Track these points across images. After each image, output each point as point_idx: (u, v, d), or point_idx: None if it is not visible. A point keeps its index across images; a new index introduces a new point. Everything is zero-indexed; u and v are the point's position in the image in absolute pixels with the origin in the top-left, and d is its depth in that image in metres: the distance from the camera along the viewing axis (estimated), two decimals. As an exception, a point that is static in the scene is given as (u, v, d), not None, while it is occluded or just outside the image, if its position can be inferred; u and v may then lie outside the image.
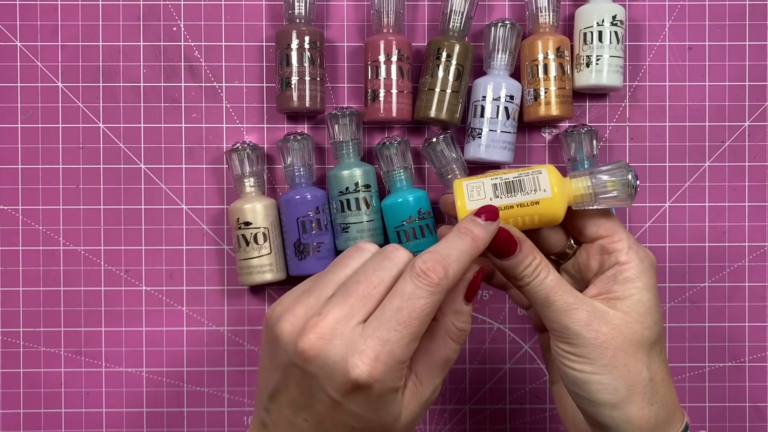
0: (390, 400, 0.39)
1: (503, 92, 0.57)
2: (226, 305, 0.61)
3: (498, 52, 0.58)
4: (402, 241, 0.57)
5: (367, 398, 0.38)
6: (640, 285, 0.44)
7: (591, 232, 0.46)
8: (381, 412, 0.39)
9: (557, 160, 0.61)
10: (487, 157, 0.57)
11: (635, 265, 0.45)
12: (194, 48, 0.61)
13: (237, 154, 0.58)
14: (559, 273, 0.47)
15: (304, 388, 0.39)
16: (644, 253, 0.46)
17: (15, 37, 0.61)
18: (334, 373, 0.38)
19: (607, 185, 0.45)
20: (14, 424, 0.61)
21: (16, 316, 0.61)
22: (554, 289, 0.43)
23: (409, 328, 0.38)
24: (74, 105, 0.61)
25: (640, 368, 0.43)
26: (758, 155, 0.62)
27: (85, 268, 0.61)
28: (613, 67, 0.58)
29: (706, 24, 0.62)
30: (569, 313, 0.43)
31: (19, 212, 0.61)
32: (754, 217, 0.62)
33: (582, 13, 0.59)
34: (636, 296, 0.44)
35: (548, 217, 0.45)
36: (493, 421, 0.62)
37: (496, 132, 0.57)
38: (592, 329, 0.43)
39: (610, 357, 0.43)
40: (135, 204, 0.61)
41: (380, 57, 0.57)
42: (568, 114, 0.58)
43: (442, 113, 0.57)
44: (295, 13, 0.58)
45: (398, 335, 0.38)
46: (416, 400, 0.41)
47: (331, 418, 0.39)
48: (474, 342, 0.62)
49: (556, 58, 0.58)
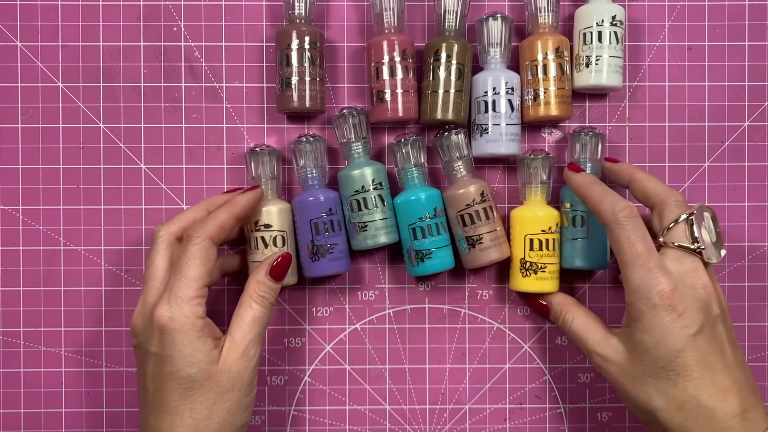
0: (192, 337, 0.49)
1: (503, 85, 0.57)
2: (226, 305, 0.61)
3: (492, 46, 0.58)
4: (417, 238, 0.57)
5: (172, 337, 0.49)
6: (640, 326, 0.49)
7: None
8: (188, 350, 0.49)
9: (559, 160, 0.61)
10: (495, 151, 0.57)
11: (636, 307, 0.49)
12: (194, 48, 0.61)
13: (258, 157, 0.58)
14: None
15: (138, 362, 0.52)
16: (646, 294, 0.49)
17: (15, 37, 0.61)
18: (144, 331, 0.50)
19: None
20: (14, 424, 0.61)
21: (16, 316, 0.61)
22: (580, 333, 0.54)
23: (181, 272, 0.50)
24: (75, 105, 0.61)
25: (647, 399, 0.49)
26: (758, 155, 0.62)
27: (85, 268, 0.61)
28: (612, 67, 0.58)
29: (705, 24, 0.62)
30: (591, 355, 0.53)
31: (20, 212, 0.61)
32: (754, 217, 0.62)
33: (581, 13, 0.59)
34: (635, 336, 0.50)
35: None
36: (493, 421, 0.62)
37: (501, 125, 0.57)
38: (605, 368, 0.52)
39: (621, 390, 0.51)
40: (135, 204, 0.61)
41: (384, 58, 0.57)
42: (567, 114, 0.58)
43: (449, 114, 0.57)
44: (295, 13, 0.58)
45: (176, 281, 0.50)
46: (234, 352, 0.50)
47: (156, 372, 0.50)
48: (474, 342, 0.62)
49: (556, 59, 0.58)
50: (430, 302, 0.62)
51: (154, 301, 0.51)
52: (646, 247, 0.49)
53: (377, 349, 0.62)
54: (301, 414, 0.62)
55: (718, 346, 0.49)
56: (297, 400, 0.62)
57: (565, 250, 0.58)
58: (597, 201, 0.52)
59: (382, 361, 0.62)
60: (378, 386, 0.62)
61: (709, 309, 0.49)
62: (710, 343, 0.49)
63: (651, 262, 0.49)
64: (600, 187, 0.53)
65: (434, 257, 0.57)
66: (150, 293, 0.52)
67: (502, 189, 0.62)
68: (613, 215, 0.50)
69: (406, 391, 0.62)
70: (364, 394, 0.62)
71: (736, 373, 0.49)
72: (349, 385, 0.62)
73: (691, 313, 0.48)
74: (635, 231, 0.50)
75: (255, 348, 0.51)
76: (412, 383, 0.62)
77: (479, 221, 0.57)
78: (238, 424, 0.51)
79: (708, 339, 0.49)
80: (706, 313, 0.49)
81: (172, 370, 0.49)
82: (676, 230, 0.51)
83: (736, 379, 0.48)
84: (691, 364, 0.48)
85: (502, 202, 0.62)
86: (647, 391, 0.49)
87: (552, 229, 0.57)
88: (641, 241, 0.49)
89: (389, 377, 0.62)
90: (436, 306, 0.62)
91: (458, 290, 0.62)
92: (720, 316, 0.50)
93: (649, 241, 0.50)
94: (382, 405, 0.62)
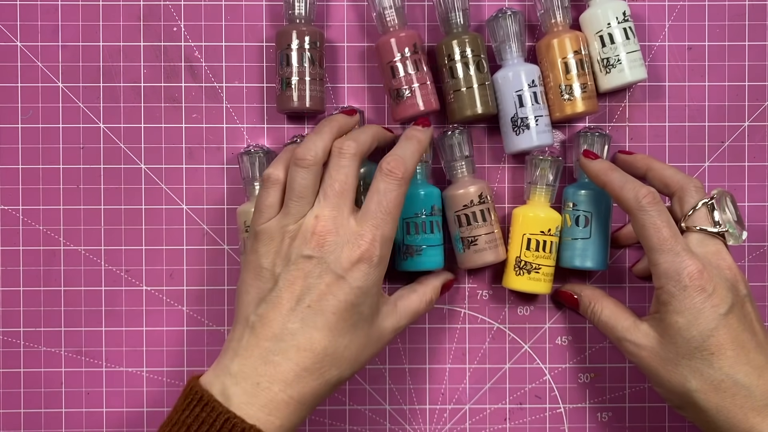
0: (377, 279, 0.49)
1: (537, 77, 0.58)
2: (226, 305, 0.61)
3: (512, 41, 0.58)
4: (410, 234, 0.57)
5: (366, 271, 0.48)
6: (671, 309, 0.49)
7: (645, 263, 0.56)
8: (371, 290, 0.49)
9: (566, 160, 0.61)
10: (541, 143, 0.58)
11: (666, 290, 0.50)
12: (194, 48, 0.61)
13: (249, 157, 0.58)
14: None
15: (312, 275, 0.48)
16: (676, 277, 0.49)
17: (15, 37, 0.61)
18: (341, 253, 0.48)
19: None
20: (14, 424, 0.61)
21: (16, 316, 0.61)
22: (609, 321, 0.54)
23: (390, 214, 0.49)
24: (74, 105, 0.61)
25: (682, 381, 0.49)
26: (758, 155, 0.62)
27: (85, 268, 0.61)
28: (634, 62, 0.58)
29: (705, 24, 0.62)
30: (622, 342, 0.53)
31: (20, 212, 0.61)
32: (754, 217, 0.62)
33: (589, 18, 0.58)
34: (666, 319, 0.50)
35: None
36: (493, 421, 0.62)
37: (543, 117, 0.58)
38: (637, 354, 0.52)
39: (654, 376, 0.51)
40: (135, 204, 0.61)
41: (395, 56, 0.57)
42: (594, 108, 0.58)
43: (478, 108, 0.57)
44: (295, 13, 0.58)
45: (383, 220, 0.49)
46: (389, 320, 0.52)
47: (332, 293, 0.48)
48: (474, 342, 0.62)
49: (575, 55, 0.58)
50: (430, 302, 0.62)
51: (335, 220, 0.49)
52: (672, 231, 0.50)
53: (377, 349, 0.62)
54: (301, 414, 0.62)
55: (749, 325, 0.49)
56: (297, 400, 0.62)
57: (565, 250, 0.58)
58: (618, 188, 0.52)
59: (381, 360, 0.62)
60: (378, 386, 0.62)
61: (736, 289, 0.50)
62: (741, 322, 0.49)
63: (678, 245, 0.49)
64: (619, 174, 0.53)
65: (424, 255, 0.57)
66: (324, 210, 0.49)
67: (503, 189, 0.62)
68: (637, 201, 0.51)
69: (406, 391, 0.62)
70: (364, 394, 0.62)
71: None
72: (349, 385, 0.62)
73: (720, 293, 0.49)
74: (660, 216, 0.50)
75: (397, 331, 0.54)
76: (412, 383, 0.62)
77: (476, 223, 0.57)
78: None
79: (739, 318, 0.49)
80: (734, 293, 0.49)
81: (347, 299, 0.49)
82: (698, 215, 0.52)
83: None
84: (724, 343, 0.48)
85: (503, 202, 0.62)
86: (682, 373, 0.49)
87: (551, 231, 0.57)
88: (667, 226, 0.50)
89: (389, 377, 0.62)
90: (436, 306, 0.62)
91: (458, 290, 0.62)
92: (747, 296, 0.51)
93: (673, 226, 0.50)
94: (382, 405, 0.62)
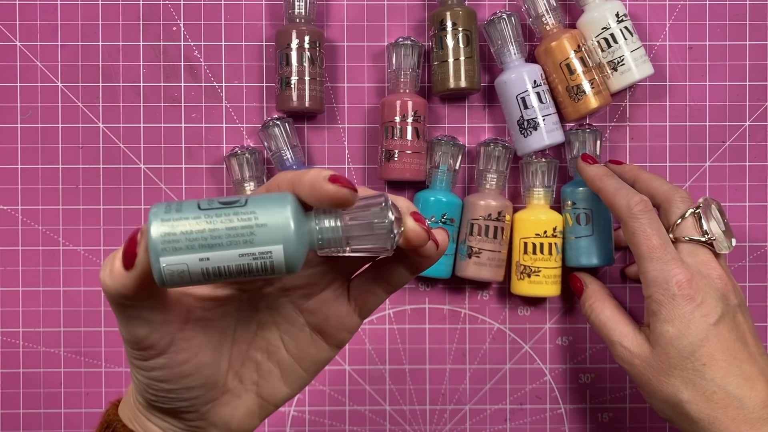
0: None
1: (540, 77, 0.58)
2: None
3: (505, 44, 0.58)
4: None
5: None
6: (660, 318, 0.49)
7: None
8: None
9: (563, 160, 0.61)
10: (552, 141, 0.58)
11: (655, 299, 0.49)
12: (194, 48, 0.61)
13: (236, 159, 0.58)
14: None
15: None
16: (664, 285, 0.49)
17: (15, 37, 0.61)
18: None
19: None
20: (14, 424, 0.61)
21: (16, 316, 0.61)
22: (608, 322, 0.53)
23: None
24: (74, 105, 0.61)
25: (674, 392, 0.49)
26: (758, 155, 0.62)
27: (85, 268, 0.61)
28: (638, 59, 0.58)
29: (706, 24, 0.62)
30: (616, 347, 0.52)
31: (19, 212, 0.61)
32: (755, 217, 0.62)
33: (586, 23, 0.58)
34: (657, 329, 0.49)
35: None
36: (493, 421, 0.62)
37: (537, 118, 0.57)
38: (630, 362, 0.51)
39: (646, 386, 0.51)
40: (135, 204, 0.61)
41: (396, 118, 0.57)
42: (607, 101, 0.59)
43: (461, 81, 0.57)
44: (295, 12, 0.58)
45: None
46: None
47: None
48: (474, 342, 0.62)
49: (576, 54, 0.58)
50: (431, 303, 0.62)
51: None
52: (662, 239, 0.50)
53: (377, 350, 0.62)
54: (301, 414, 0.62)
55: (740, 336, 0.49)
56: (297, 401, 0.62)
57: (570, 250, 0.58)
58: (611, 195, 0.52)
59: (382, 361, 0.62)
60: (378, 387, 0.62)
61: (727, 299, 0.49)
62: (732, 332, 0.49)
63: (667, 254, 0.49)
64: (614, 180, 0.53)
65: None
66: None
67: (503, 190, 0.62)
68: (628, 209, 0.51)
69: (406, 392, 0.62)
70: (364, 395, 0.62)
71: (761, 363, 0.49)
72: (349, 386, 0.62)
73: (709, 303, 0.48)
74: (651, 224, 0.50)
75: None
76: (412, 384, 0.62)
77: (486, 237, 0.57)
78: None
79: (729, 328, 0.49)
80: (724, 303, 0.49)
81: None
82: (685, 225, 0.51)
83: (762, 368, 0.48)
84: (715, 353, 0.48)
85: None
86: (674, 383, 0.49)
87: (548, 233, 0.57)
88: (657, 234, 0.50)
89: (389, 378, 0.62)
90: (436, 306, 0.62)
91: (458, 291, 0.62)
92: (739, 307, 0.50)
93: (664, 234, 0.50)
94: (382, 405, 0.62)
